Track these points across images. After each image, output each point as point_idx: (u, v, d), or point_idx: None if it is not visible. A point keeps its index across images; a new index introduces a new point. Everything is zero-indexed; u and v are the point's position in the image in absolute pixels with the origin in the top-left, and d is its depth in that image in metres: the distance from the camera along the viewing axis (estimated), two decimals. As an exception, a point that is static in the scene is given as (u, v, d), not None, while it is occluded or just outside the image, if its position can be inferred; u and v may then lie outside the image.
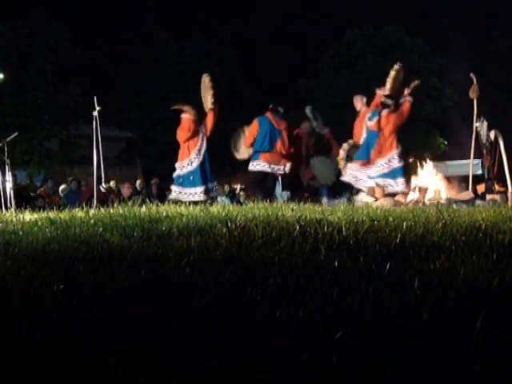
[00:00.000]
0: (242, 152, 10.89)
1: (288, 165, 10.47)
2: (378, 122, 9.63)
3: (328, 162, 11.13)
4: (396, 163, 9.50)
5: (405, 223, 4.15)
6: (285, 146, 10.47)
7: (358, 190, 9.87)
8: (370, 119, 9.79)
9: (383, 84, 10.29)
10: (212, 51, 30.26)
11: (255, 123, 10.49)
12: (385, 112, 9.68)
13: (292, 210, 5.47)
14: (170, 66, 29.36)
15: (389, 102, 9.75)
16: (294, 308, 2.18)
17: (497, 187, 10.70)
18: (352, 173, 9.77)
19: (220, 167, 28.99)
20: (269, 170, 10.44)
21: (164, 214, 5.18)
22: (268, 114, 10.56)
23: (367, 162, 9.65)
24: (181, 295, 2.45)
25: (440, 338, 1.91)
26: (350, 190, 10.30)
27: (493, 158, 10.38)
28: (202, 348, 1.88)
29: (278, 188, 12.97)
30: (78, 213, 5.82)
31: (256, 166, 10.42)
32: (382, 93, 10.07)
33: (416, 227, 4.04)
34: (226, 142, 11.60)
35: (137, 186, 15.49)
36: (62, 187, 14.92)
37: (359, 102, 10.70)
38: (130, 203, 6.45)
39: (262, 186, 10.60)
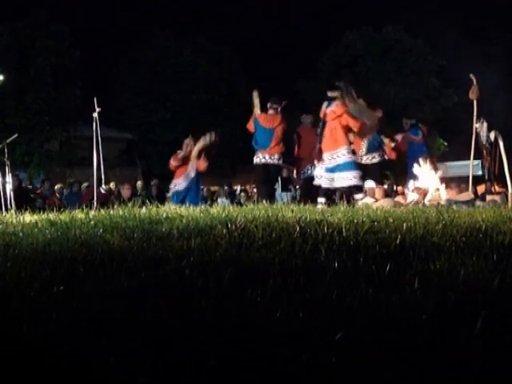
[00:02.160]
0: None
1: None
2: (423, 136, 11.19)
3: None
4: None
5: (405, 224, 4.15)
6: None
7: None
8: (417, 136, 11.16)
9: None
10: (211, 52, 30.27)
11: None
12: (422, 126, 11.45)
13: (292, 211, 5.47)
14: (169, 67, 29.38)
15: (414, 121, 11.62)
16: (293, 309, 2.18)
17: (497, 188, 10.71)
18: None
19: (220, 168, 29.04)
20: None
21: (164, 216, 5.18)
22: None
23: None
24: (181, 296, 2.45)
25: (440, 338, 1.91)
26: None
27: (493, 158, 10.39)
28: (201, 348, 1.88)
29: (278, 189, 12.99)
30: (78, 214, 5.82)
31: None
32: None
33: (416, 228, 4.05)
34: (226, 143, 11.64)
35: (137, 187, 15.49)
36: (57, 187, 14.92)
37: None
38: (130, 204, 6.45)
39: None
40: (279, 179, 13.27)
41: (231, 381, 1.73)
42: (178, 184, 10.71)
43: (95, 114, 10.58)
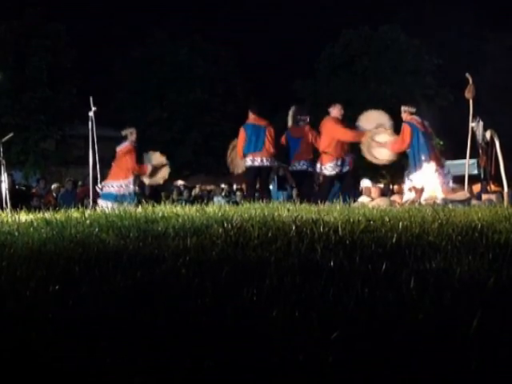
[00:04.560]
0: (240, 166, 10.93)
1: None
2: None
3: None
4: None
5: (401, 223, 4.15)
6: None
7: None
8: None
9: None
10: (208, 51, 30.24)
11: (241, 131, 10.59)
12: None
13: (288, 210, 5.47)
14: (165, 66, 29.33)
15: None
16: (290, 308, 2.18)
17: (493, 187, 10.73)
18: None
19: (216, 167, 29.01)
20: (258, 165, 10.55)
21: (160, 215, 5.18)
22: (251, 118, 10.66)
23: None
24: (177, 295, 2.45)
25: (436, 337, 1.91)
26: None
27: (489, 157, 10.41)
28: (198, 348, 1.88)
29: (274, 188, 13.00)
30: (74, 213, 5.81)
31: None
32: None
33: (412, 227, 4.05)
34: (222, 142, 11.61)
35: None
36: (53, 186, 14.91)
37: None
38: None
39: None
40: (275, 178, 13.30)
41: (227, 381, 1.73)
42: (129, 184, 10.62)
43: (91, 113, 10.57)
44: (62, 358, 1.85)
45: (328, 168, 10.38)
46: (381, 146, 10.13)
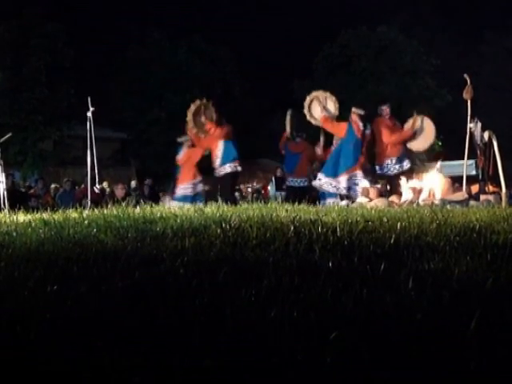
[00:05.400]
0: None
1: None
2: None
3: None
4: None
5: (399, 224, 4.16)
6: None
7: None
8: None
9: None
10: (206, 51, 30.22)
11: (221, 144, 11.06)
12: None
13: (286, 210, 5.47)
14: (164, 66, 29.31)
15: None
16: (288, 308, 2.18)
17: (491, 188, 10.73)
18: None
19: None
20: None
21: (158, 215, 5.17)
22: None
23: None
24: (175, 296, 2.44)
25: (434, 338, 1.91)
26: None
27: (487, 158, 10.40)
28: (196, 348, 1.87)
29: (272, 188, 13.05)
30: (72, 214, 5.80)
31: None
32: None
33: (410, 228, 4.05)
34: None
35: (131, 186, 15.46)
36: (52, 186, 14.91)
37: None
38: (124, 204, 6.43)
39: None
40: (273, 179, 13.34)
41: (226, 380, 1.72)
42: (198, 183, 11.04)
43: (89, 114, 10.58)
44: (61, 358, 1.85)
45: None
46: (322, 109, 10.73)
